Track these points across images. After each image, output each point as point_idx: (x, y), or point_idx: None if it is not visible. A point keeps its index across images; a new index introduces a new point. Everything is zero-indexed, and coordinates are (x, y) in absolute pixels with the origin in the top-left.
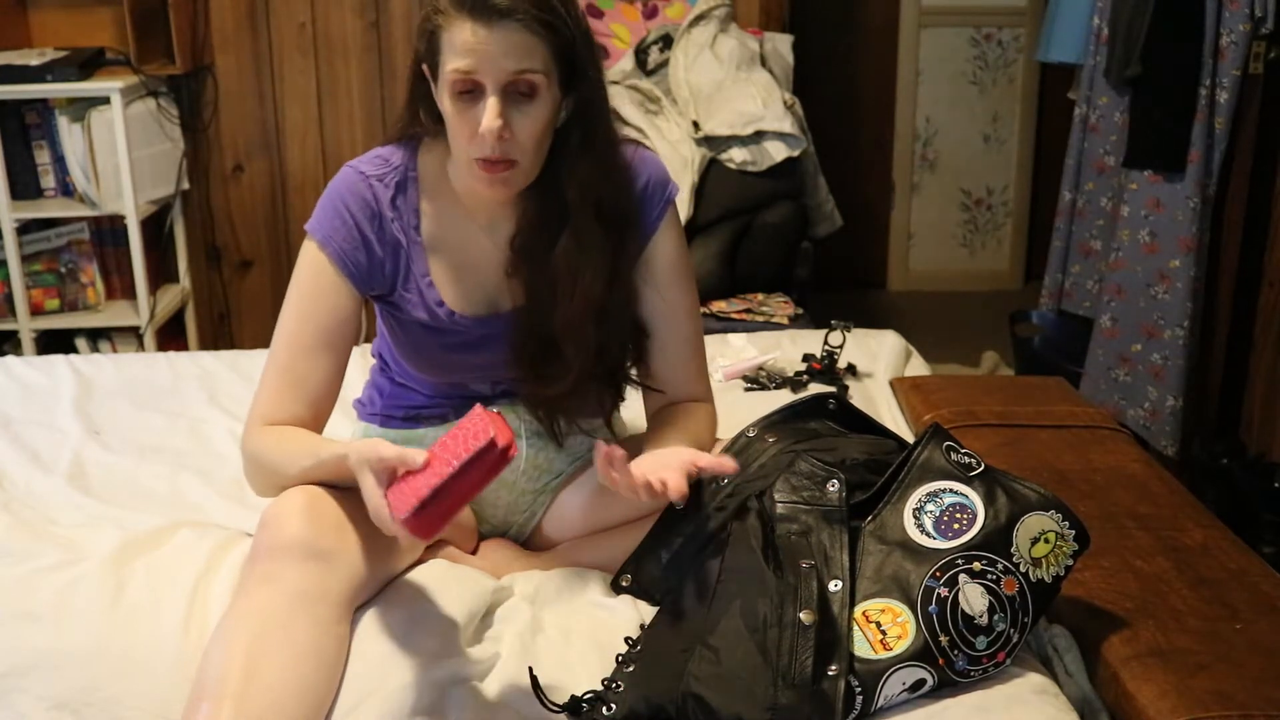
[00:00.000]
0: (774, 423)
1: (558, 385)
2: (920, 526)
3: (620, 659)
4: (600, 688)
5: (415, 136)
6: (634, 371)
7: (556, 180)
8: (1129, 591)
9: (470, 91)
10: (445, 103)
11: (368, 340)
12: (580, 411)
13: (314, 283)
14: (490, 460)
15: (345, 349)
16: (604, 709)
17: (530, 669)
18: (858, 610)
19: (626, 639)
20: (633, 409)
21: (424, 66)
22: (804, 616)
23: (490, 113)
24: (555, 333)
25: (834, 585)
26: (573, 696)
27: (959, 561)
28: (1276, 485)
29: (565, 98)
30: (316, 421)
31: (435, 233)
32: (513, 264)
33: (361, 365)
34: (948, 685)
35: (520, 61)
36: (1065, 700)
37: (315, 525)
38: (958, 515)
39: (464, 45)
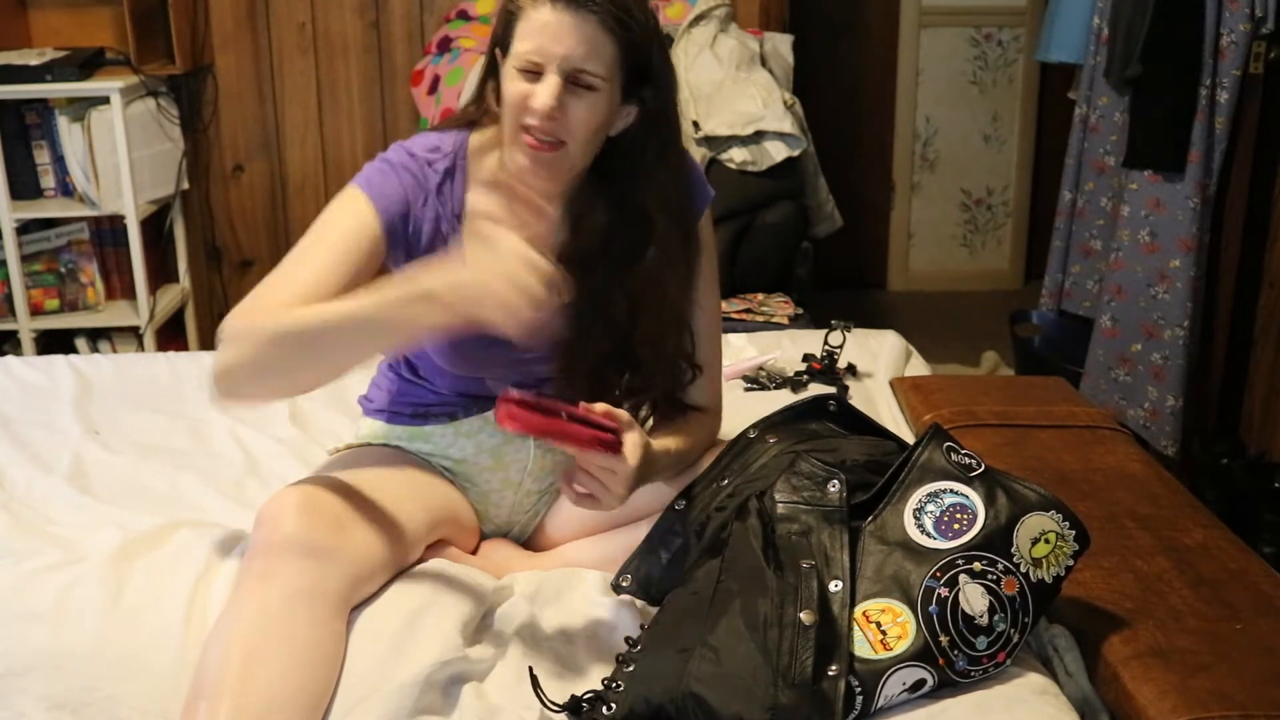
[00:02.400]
0: (774, 424)
1: (630, 396)
2: (920, 527)
3: (620, 659)
4: (600, 688)
5: (470, 123)
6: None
7: (627, 190)
8: (1129, 591)
9: (536, 72)
10: (508, 81)
11: None
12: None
13: (345, 208)
14: (605, 439)
15: (358, 271)
16: (604, 709)
17: (530, 669)
18: (858, 610)
19: (626, 639)
20: None
21: (496, 51)
22: (804, 617)
23: (546, 89)
24: (637, 344)
25: (834, 585)
26: (573, 696)
27: (959, 562)
28: (1276, 485)
29: (626, 104)
30: None
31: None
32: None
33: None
34: (948, 685)
35: (586, 60)
36: (1065, 700)
37: (312, 522)
38: (958, 515)
39: (539, 26)
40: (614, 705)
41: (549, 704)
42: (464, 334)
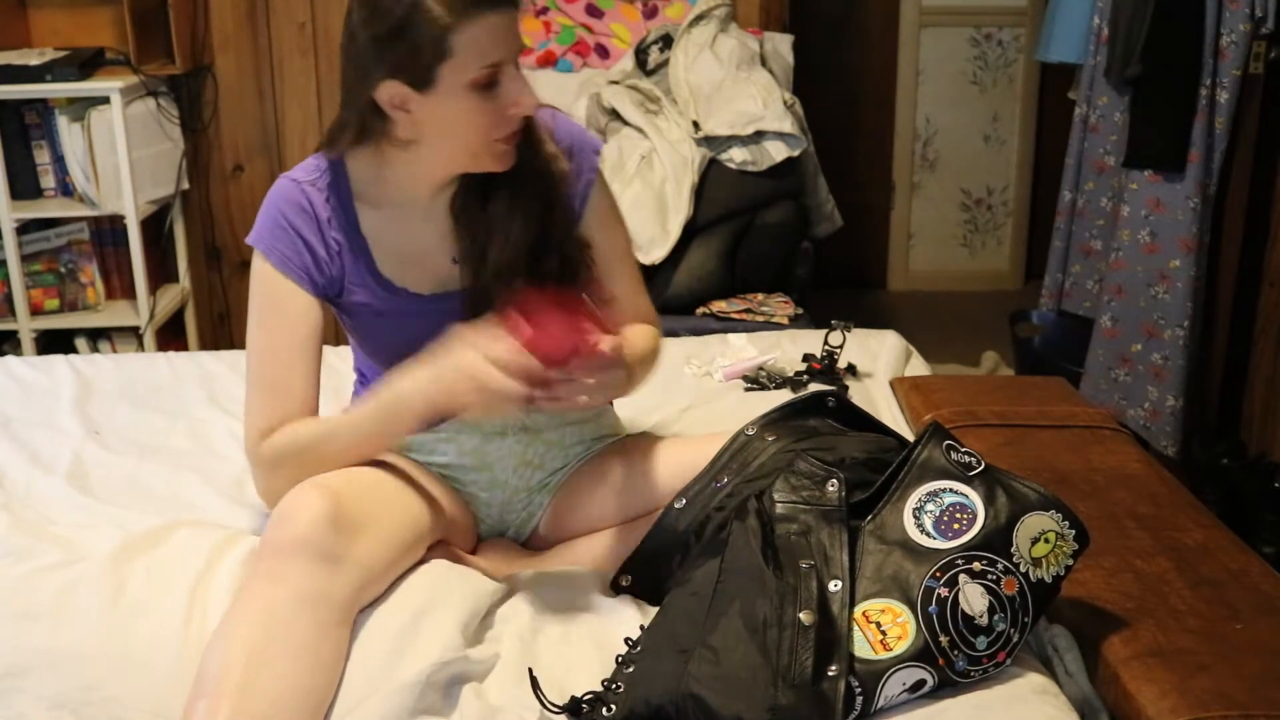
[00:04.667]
0: (773, 421)
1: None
2: (920, 526)
3: (620, 659)
4: (600, 688)
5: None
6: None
7: None
8: (1129, 591)
9: (493, 82)
10: (460, 101)
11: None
12: None
13: (270, 294)
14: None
15: (318, 349)
16: (604, 710)
17: (530, 670)
18: (858, 610)
19: (626, 639)
20: (631, 410)
21: (390, 82)
22: (804, 617)
23: (527, 87)
24: (488, 278)
25: (834, 585)
26: (573, 697)
27: (959, 561)
28: (1276, 485)
29: None
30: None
31: (375, 229)
32: (457, 236)
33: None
34: (948, 685)
35: (521, 36)
36: (1065, 700)
37: (328, 526)
38: (958, 515)
39: (491, 38)
40: (614, 706)
41: (549, 705)
42: (385, 332)
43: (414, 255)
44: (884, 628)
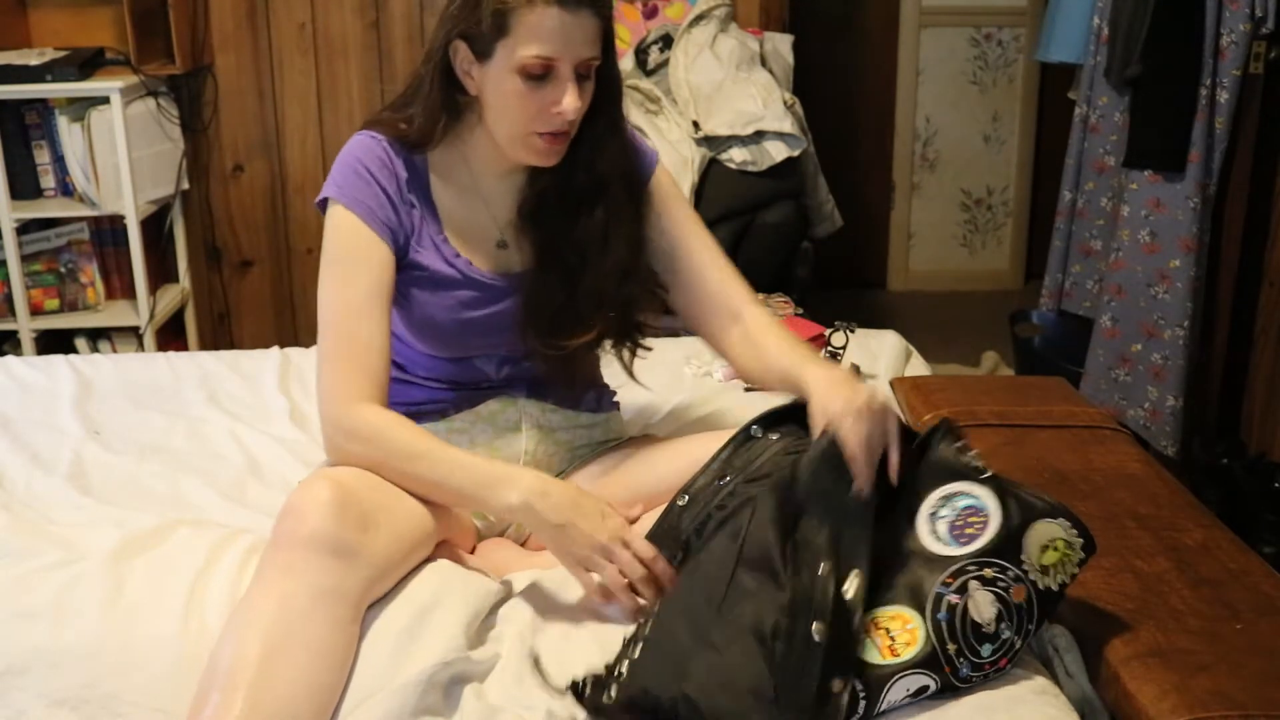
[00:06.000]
0: (778, 418)
1: (575, 340)
2: (934, 533)
3: (628, 639)
4: (603, 671)
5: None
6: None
7: (576, 154)
8: (1129, 591)
9: (543, 75)
10: (507, 82)
11: None
12: (592, 368)
13: (349, 244)
14: None
15: (390, 304)
16: (604, 697)
17: (534, 653)
18: (868, 616)
19: (626, 639)
20: (632, 410)
21: (461, 45)
22: (816, 628)
23: (572, 94)
24: (580, 295)
25: (848, 591)
26: (574, 680)
27: (971, 568)
28: (1276, 485)
29: None
30: (385, 381)
31: (443, 200)
32: (518, 229)
33: None
34: (949, 690)
35: (592, 48)
36: (1065, 700)
37: (341, 520)
38: (972, 520)
39: (548, 30)
40: (614, 692)
41: (552, 686)
42: (441, 303)
43: (474, 233)
44: (893, 634)
